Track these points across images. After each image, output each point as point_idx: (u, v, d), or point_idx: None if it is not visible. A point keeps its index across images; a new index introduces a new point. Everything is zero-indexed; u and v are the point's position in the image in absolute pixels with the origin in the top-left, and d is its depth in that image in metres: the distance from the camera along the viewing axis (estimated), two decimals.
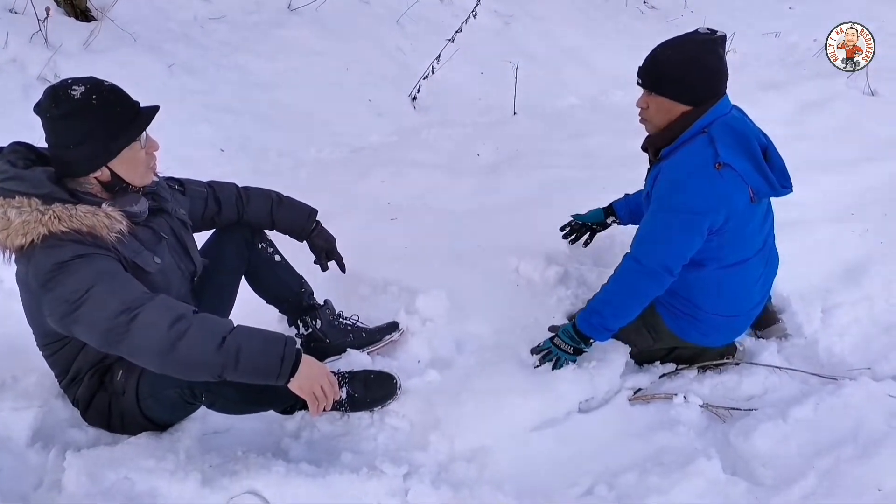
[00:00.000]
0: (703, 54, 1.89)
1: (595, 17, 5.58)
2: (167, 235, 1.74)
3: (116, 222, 1.55)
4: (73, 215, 1.49)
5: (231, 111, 3.64)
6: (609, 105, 4.50)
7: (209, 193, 2.02)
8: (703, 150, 1.88)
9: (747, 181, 1.89)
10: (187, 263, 1.81)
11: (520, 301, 2.43)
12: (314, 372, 1.57)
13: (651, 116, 1.98)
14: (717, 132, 1.88)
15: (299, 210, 2.14)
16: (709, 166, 1.86)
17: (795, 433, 1.92)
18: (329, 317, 2.21)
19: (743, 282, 2.06)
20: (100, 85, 1.54)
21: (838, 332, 2.41)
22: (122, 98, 1.57)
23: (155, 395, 1.68)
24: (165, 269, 1.69)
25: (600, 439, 1.98)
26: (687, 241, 1.92)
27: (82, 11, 3.63)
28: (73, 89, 1.50)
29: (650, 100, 1.96)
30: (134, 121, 1.56)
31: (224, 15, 4.14)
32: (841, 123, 3.92)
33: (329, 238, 2.19)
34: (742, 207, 1.91)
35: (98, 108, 1.51)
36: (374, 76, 4.24)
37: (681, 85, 1.90)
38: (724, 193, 1.87)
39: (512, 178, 3.40)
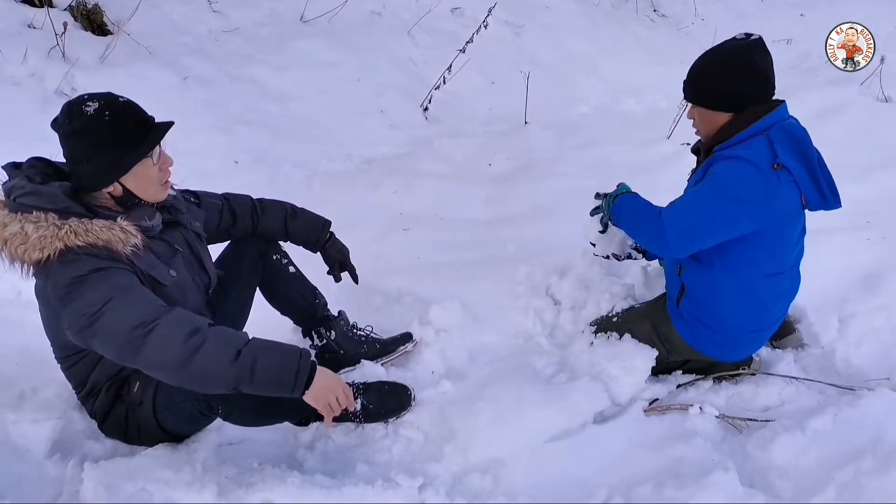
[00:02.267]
0: (733, 61, 1.89)
1: (605, 25, 5.58)
2: (182, 248, 1.75)
3: (132, 236, 1.57)
4: (90, 230, 1.51)
5: (245, 123, 3.67)
6: (620, 113, 4.50)
7: (224, 205, 2.04)
8: (762, 149, 1.86)
9: (801, 188, 1.88)
10: (202, 276, 1.82)
11: (533, 311, 2.43)
12: (329, 383, 1.58)
13: (699, 127, 2.01)
14: (777, 135, 1.87)
15: (313, 221, 2.17)
16: (767, 164, 1.84)
17: (814, 445, 1.90)
18: (343, 328, 2.22)
19: (768, 297, 2.04)
20: (114, 101, 1.56)
21: (855, 341, 2.39)
22: (136, 114, 1.58)
23: (171, 408, 1.69)
24: (181, 281, 1.70)
25: (615, 451, 1.97)
26: (719, 227, 1.87)
27: (99, 26, 3.69)
28: (87, 105, 1.53)
29: (694, 112, 2.00)
30: (146, 137, 1.58)
31: (237, 28, 4.18)
32: (854, 130, 3.88)
33: (342, 249, 2.21)
34: (792, 211, 1.89)
35: (110, 124, 1.53)
36: (386, 87, 4.26)
37: (714, 94, 1.92)
38: (776, 192, 1.85)
39: (524, 188, 3.40)
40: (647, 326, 2.18)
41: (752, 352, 2.23)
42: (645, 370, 2.16)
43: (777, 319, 2.16)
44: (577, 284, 2.50)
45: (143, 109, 1.61)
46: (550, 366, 2.22)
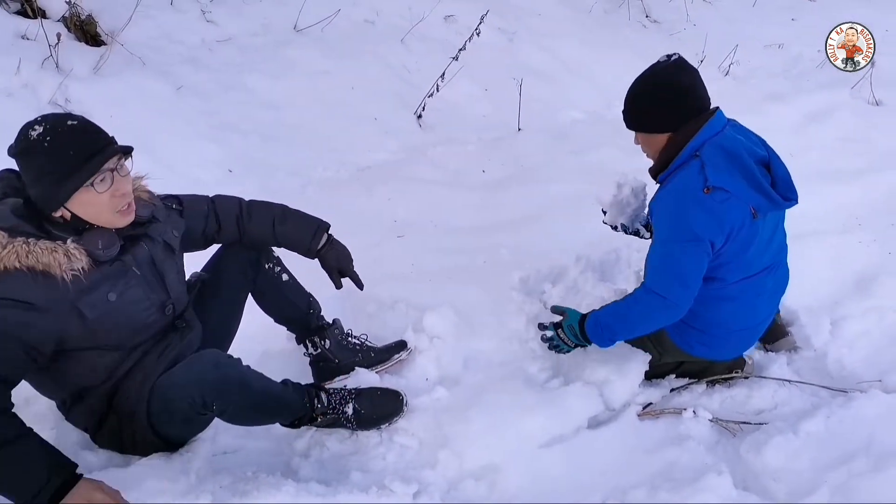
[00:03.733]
0: (658, 84, 1.94)
1: (598, 32, 5.60)
2: (139, 267, 1.66)
3: (76, 260, 1.52)
4: (31, 251, 1.48)
5: (239, 132, 3.67)
6: (613, 119, 4.50)
7: (210, 210, 1.96)
8: (693, 176, 1.89)
9: (744, 200, 1.88)
10: (159, 293, 1.72)
11: (526, 317, 2.43)
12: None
13: (646, 151, 2.06)
14: (707, 155, 1.89)
15: (305, 226, 2.03)
16: (698, 191, 1.86)
17: (807, 447, 1.92)
18: (337, 336, 2.20)
19: (749, 297, 2.05)
20: (58, 126, 1.51)
21: (848, 344, 2.40)
22: (79, 140, 1.51)
23: (166, 409, 1.69)
24: (124, 303, 1.62)
25: (609, 455, 1.98)
26: (698, 267, 1.93)
27: (92, 36, 3.69)
28: (33, 129, 1.50)
29: (638, 137, 2.05)
30: (85, 164, 1.50)
31: (231, 37, 4.19)
32: (846, 134, 3.92)
33: (340, 255, 2.07)
34: (741, 227, 1.90)
35: (48, 151, 1.48)
36: (380, 95, 4.27)
37: (647, 118, 1.98)
38: (717, 216, 1.87)
39: (517, 194, 3.41)
40: None
41: (742, 350, 2.25)
42: (638, 375, 2.17)
43: (765, 318, 2.17)
44: (571, 290, 2.51)
45: (95, 134, 1.55)
46: (544, 371, 2.23)
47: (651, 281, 1.98)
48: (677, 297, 1.94)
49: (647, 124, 1.99)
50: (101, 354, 1.64)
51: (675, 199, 1.92)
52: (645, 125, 2.00)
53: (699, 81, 1.94)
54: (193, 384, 1.64)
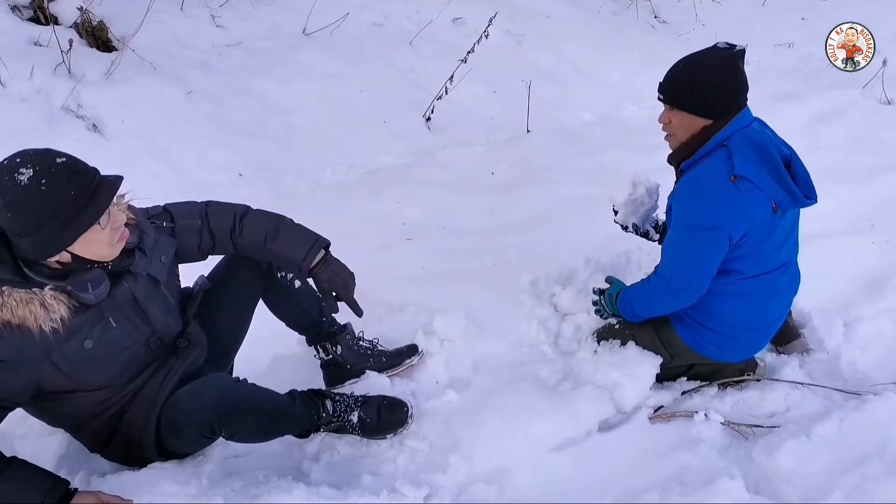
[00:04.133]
0: (722, 68, 1.91)
1: (606, 33, 5.60)
2: (119, 308, 1.58)
3: (54, 311, 1.43)
4: (6, 304, 1.39)
5: (248, 135, 3.70)
6: (622, 120, 4.51)
7: (203, 224, 1.83)
8: (720, 164, 1.89)
9: (767, 193, 1.88)
10: (142, 330, 1.64)
11: (537, 319, 2.43)
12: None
13: (674, 131, 2.01)
14: (736, 145, 1.89)
15: (296, 244, 1.85)
16: (724, 180, 1.86)
17: (820, 450, 1.90)
18: (349, 341, 2.19)
19: (763, 295, 2.04)
20: (50, 166, 1.38)
21: (861, 346, 2.38)
22: (77, 178, 1.41)
23: (175, 434, 1.68)
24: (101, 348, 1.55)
25: (621, 459, 1.97)
26: (710, 258, 1.94)
27: (104, 42, 3.73)
28: (20, 173, 1.35)
29: (672, 115, 1.99)
30: (89, 204, 1.41)
31: (240, 41, 4.22)
32: (857, 133, 3.89)
33: (335, 277, 1.87)
34: (762, 220, 1.90)
35: (47, 195, 1.36)
36: (389, 98, 4.28)
37: (700, 99, 1.92)
38: (740, 206, 1.87)
39: (527, 196, 3.41)
40: (649, 332, 2.18)
41: (754, 352, 2.23)
42: (649, 377, 2.16)
43: (777, 318, 2.16)
44: (581, 292, 2.50)
45: (85, 167, 1.45)
46: (555, 374, 2.23)
47: (663, 266, 2.03)
48: (685, 284, 1.98)
49: (693, 104, 1.93)
50: (88, 395, 1.59)
51: (699, 187, 1.92)
52: (690, 104, 1.94)
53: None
54: (200, 413, 1.64)
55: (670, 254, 2.02)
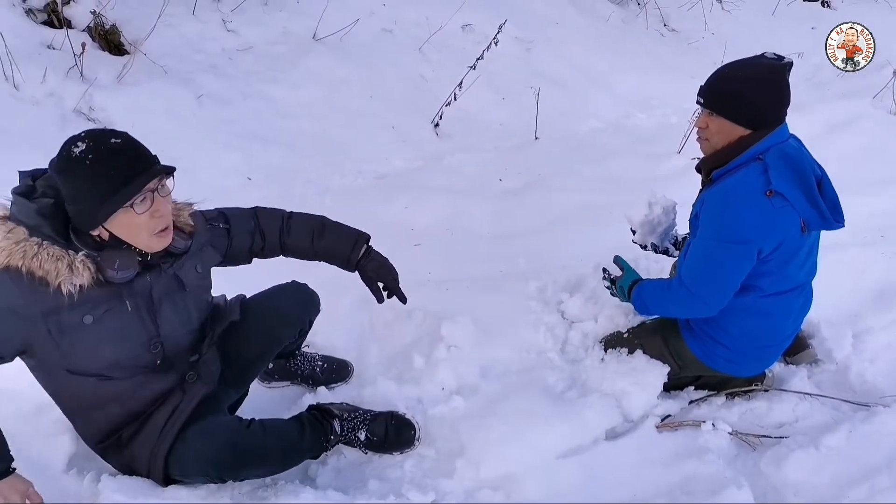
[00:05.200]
0: (769, 79, 1.87)
1: (616, 40, 5.61)
2: (132, 297, 1.57)
3: (78, 275, 1.48)
4: (38, 255, 1.45)
5: (258, 140, 3.71)
6: (631, 128, 4.51)
7: (255, 226, 1.92)
8: (755, 178, 1.85)
9: (798, 212, 1.86)
10: (147, 327, 1.62)
11: (544, 326, 2.43)
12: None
13: (709, 136, 1.95)
14: (772, 159, 1.85)
15: (342, 240, 1.98)
16: (759, 194, 1.83)
17: (828, 462, 1.89)
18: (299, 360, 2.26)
19: (778, 314, 2.03)
20: (101, 144, 1.46)
21: (870, 357, 2.37)
22: (121, 160, 1.46)
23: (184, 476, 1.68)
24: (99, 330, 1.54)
25: (627, 467, 1.97)
26: (738, 271, 1.91)
27: (116, 46, 3.76)
28: (75, 146, 1.45)
29: (710, 120, 1.93)
30: (126, 186, 1.46)
31: (251, 46, 4.24)
32: (868, 144, 3.87)
33: (380, 267, 1.99)
34: (791, 237, 1.88)
35: (89, 170, 1.44)
36: (398, 103, 4.30)
37: (743, 107, 1.87)
38: (774, 222, 1.85)
39: (534, 203, 3.41)
40: (658, 342, 2.18)
41: (764, 367, 2.22)
42: (657, 386, 2.16)
43: (789, 336, 2.15)
44: (588, 300, 2.50)
45: (137, 153, 1.50)
46: (562, 381, 2.22)
47: (686, 276, 1.96)
48: (709, 298, 1.93)
49: (735, 112, 1.88)
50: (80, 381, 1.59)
51: (732, 199, 1.87)
52: (731, 112, 1.88)
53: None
54: (209, 465, 1.65)
55: (697, 264, 1.95)
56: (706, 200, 1.94)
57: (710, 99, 1.91)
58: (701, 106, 1.95)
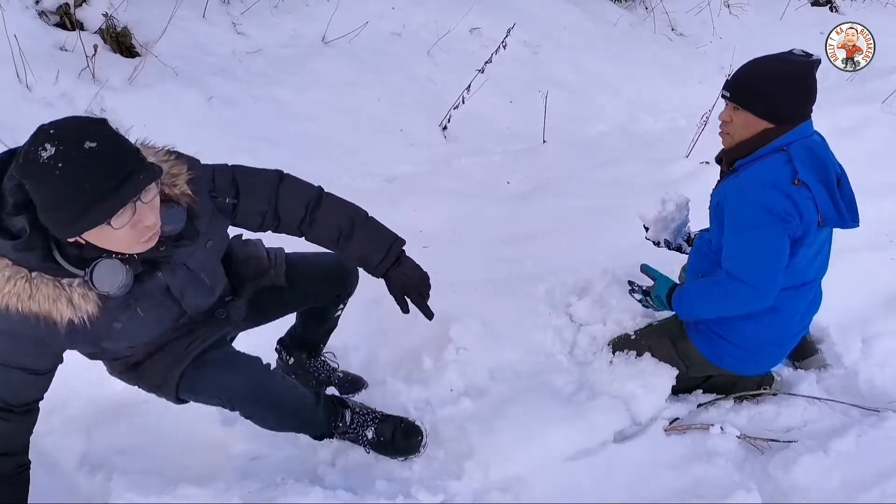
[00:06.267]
0: (797, 75, 1.87)
1: (623, 44, 5.61)
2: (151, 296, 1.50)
3: (82, 309, 1.36)
4: (33, 296, 1.31)
5: (267, 142, 3.73)
6: (639, 132, 4.51)
7: (270, 208, 1.68)
8: (781, 166, 1.85)
9: (819, 206, 1.87)
10: (172, 311, 1.58)
11: (552, 329, 2.43)
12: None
13: (733, 131, 1.94)
14: (796, 152, 1.86)
15: (375, 242, 1.74)
16: (787, 181, 1.84)
17: (837, 466, 1.89)
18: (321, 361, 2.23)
19: (786, 310, 2.02)
20: (72, 150, 1.23)
21: (879, 362, 2.36)
22: (96, 171, 1.24)
23: (195, 395, 1.69)
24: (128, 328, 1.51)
25: (636, 470, 1.97)
26: (781, 247, 1.87)
27: (127, 48, 3.79)
28: (43, 149, 1.22)
29: (735, 114, 1.92)
30: (101, 203, 1.25)
31: (260, 49, 4.27)
32: (877, 149, 3.86)
33: (409, 278, 1.76)
34: (810, 227, 1.88)
35: (59, 181, 1.22)
36: (406, 107, 4.31)
37: (770, 103, 1.87)
38: (801, 208, 1.84)
39: (542, 206, 3.42)
40: (666, 343, 2.18)
41: (772, 366, 2.22)
42: (665, 389, 2.16)
43: (796, 334, 2.14)
44: (596, 303, 2.50)
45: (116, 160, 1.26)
46: (570, 384, 2.22)
47: (734, 268, 1.90)
48: (760, 283, 1.88)
49: (761, 107, 1.87)
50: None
51: (761, 186, 1.85)
52: (758, 106, 1.87)
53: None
54: (226, 392, 1.66)
55: (744, 256, 1.89)
56: (731, 189, 1.92)
57: (736, 93, 1.90)
58: (727, 100, 1.94)
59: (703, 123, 3.78)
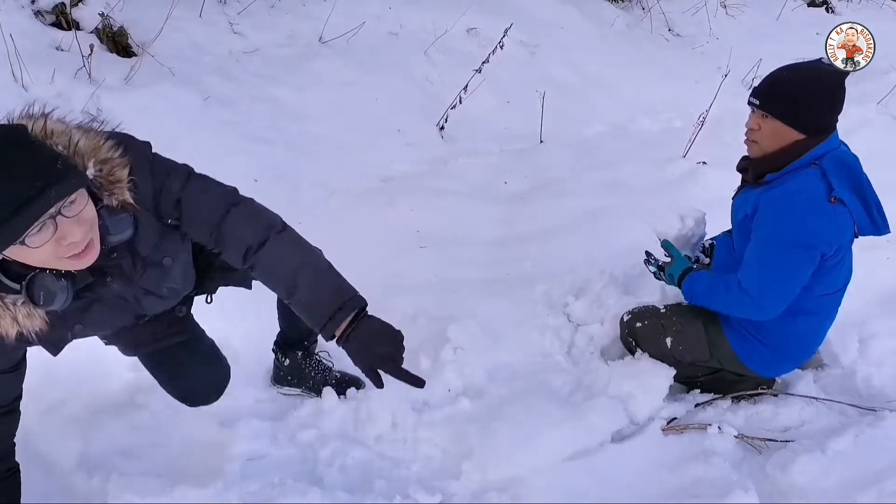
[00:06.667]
0: (830, 85, 1.86)
1: (620, 45, 5.61)
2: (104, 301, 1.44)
3: (28, 327, 1.29)
4: None
5: (264, 142, 3.72)
6: (636, 132, 4.52)
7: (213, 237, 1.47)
8: (815, 183, 1.84)
9: (854, 217, 1.87)
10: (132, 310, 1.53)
11: (550, 330, 2.44)
12: None
13: (761, 139, 1.92)
14: (829, 165, 1.85)
15: (320, 305, 1.46)
16: (823, 200, 1.82)
17: (835, 466, 1.90)
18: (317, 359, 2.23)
19: (822, 315, 2.06)
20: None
21: (876, 362, 2.37)
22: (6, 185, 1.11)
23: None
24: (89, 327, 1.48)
25: (634, 470, 1.97)
26: (800, 275, 1.89)
27: (124, 48, 3.77)
28: None
29: (764, 122, 1.90)
30: (7, 220, 1.11)
31: (258, 48, 4.26)
32: (873, 149, 3.83)
33: (366, 350, 1.46)
34: (846, 240, 1.90)
35: None
36: (403, 106, 4.31)
37: (801, 112, 1.85)
38: (838, 227, 1.85)
39: (540, 206, 3.42)
40: (698, 325, 2.15)
41: (789, 371, 2.24)
42: (663, 389, 2.17)
43: (823, 339, 2.17)
44: (594, 303, 2.51)
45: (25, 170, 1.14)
46: (568, 384, 2.23)
47: (746, 279, 1.91)
48: (767, 302, 1.90)
49: (793, 116, 1.85)
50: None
51: (796, 202, 1.84)
52: (790, 115, 1.86)
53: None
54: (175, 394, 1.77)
55: (757, 269, 1.90)
56: (764, 203, 1.90)
57: (766, 101, 1.89)
58: (755, 107, 1.92)
59: (700, 124, 3.79)
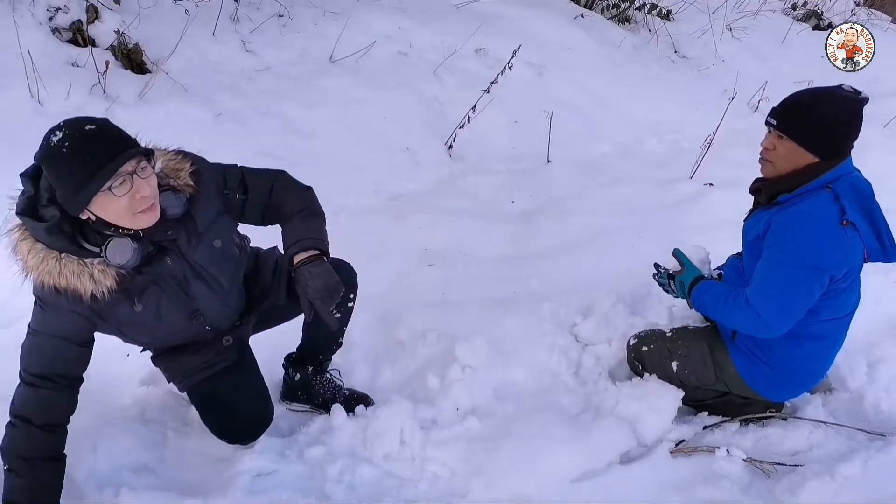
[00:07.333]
0: (848, 111, 1.87)
1: (627, 66, 5.66)
2: (163, 280, 1.71)
3: (101, 284, 1.58)
4: (61, 272, 1.56)
5: (275, 158, 3.75)
6: (643, 153, 4.54)
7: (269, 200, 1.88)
8: (828, 205, 1.85)
9: (865, 242, 1.88)
10: (187, 303, 1.78)
11: (558, 349, 2.44)
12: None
13: (775, 159, 1.93)
14: (842, 189, 1.86)
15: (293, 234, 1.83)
16: (835, 222, 1.83)
17: (844, 491, 1.89)
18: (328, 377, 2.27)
19: (830, 340, 2.06)
20: (76, 131, 1.49)
21: (885, 387, 2.37)
22: (95, 146, 1.49)
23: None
24: (148, 312, 1.72)
25: (642, 492, 1.97)
26: (808, 296, 1.89)
27: (138, 64, 3.83)
28: (54, 134, 1.49)
29: (780, 143, 1.91)
30: (100, 170, 1.48)
31: (269, 67, 4.31)
32: (880, 171, 3.83)
33: (309, 279, 1.74)
34: (857, 264, 1.91)
35: (66, 157, 1.48)
36: (412, 125, 4.34)
37: (820, 136, 1.86)
38: (849, 251, 1.86)
39: (547, 226, 3.44)
40: (703, 348, 2.15)
41: (795, 396, 2.23)
42: (671, 411, 2.16)
43: (831, 364, 2.16)
44: (601, 323, 2.51)
45: (111, 138, 1.53)
46: (576, 404, 2.23)
47: (754, 295, 1.91)
48: (774, 321, 1.89)
49: (810, 139, 1.86)
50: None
51: (809, 226, 1.85)
52: (807, 138, 1.86)
53: None
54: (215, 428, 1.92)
55: (765, 288, 1.90)
56: (776, 222, 1.91)
57: (784, 122, 1.89)
58: (772, 128, 1.93)
59: (707, 146, 3.81)
